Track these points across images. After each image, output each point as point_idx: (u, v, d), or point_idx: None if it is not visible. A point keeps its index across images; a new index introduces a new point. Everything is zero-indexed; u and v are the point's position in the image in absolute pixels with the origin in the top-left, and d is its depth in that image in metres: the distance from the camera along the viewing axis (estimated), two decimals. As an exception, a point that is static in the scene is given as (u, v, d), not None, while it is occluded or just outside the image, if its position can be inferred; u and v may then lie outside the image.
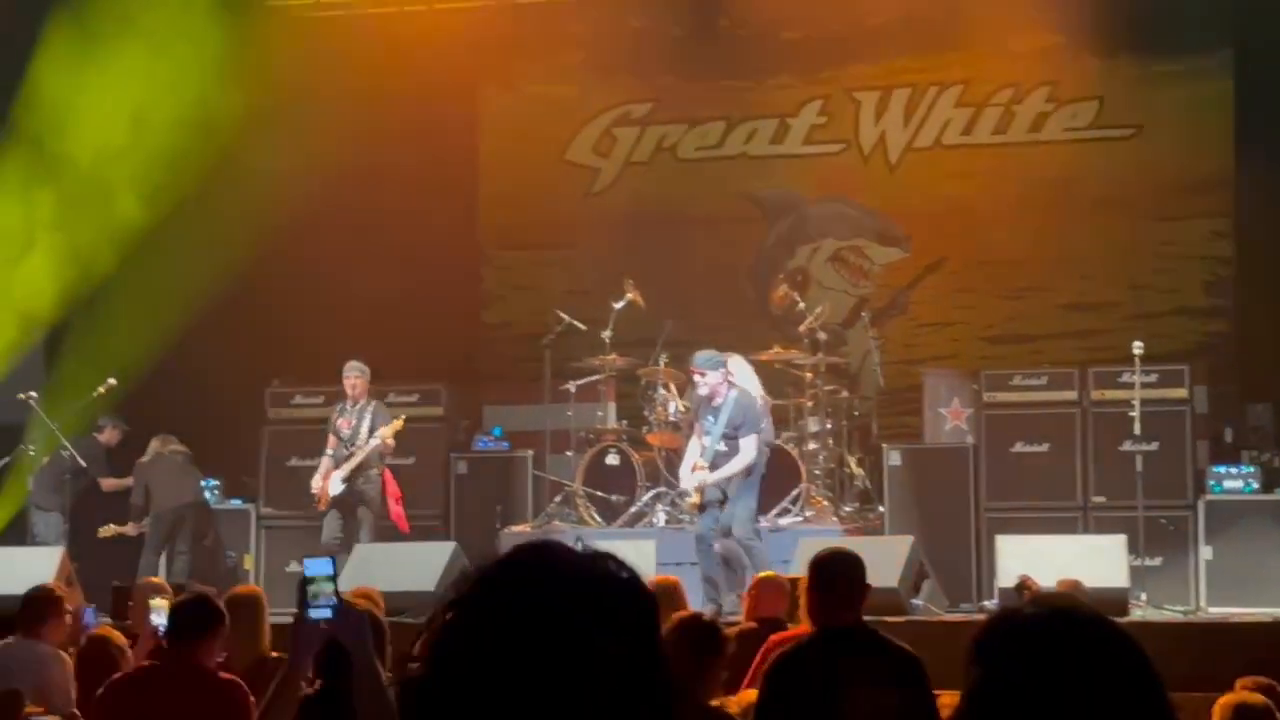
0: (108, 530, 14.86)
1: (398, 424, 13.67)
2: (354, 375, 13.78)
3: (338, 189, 15.86)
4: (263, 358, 15.27)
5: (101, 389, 14.09)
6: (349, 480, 13.60)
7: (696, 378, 12.41)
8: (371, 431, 13.67)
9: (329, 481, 13.65)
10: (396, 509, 13.79)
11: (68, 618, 8.77)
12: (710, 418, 12.40)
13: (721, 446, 12.34)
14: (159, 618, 7.87)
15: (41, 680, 7.90)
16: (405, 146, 16.42)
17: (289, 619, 4.50)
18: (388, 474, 13.84)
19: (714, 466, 12.33)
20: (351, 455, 13.62)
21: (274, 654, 7.32)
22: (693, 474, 12.40)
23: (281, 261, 15.94)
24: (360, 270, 15.95)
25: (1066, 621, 2.23)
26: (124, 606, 10.85)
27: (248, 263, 15.58)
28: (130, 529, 14.81)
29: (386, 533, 13.71)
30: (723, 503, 12.45)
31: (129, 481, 15.05)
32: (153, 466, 14.90)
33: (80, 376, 14.82)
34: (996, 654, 2.21)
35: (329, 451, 13.81)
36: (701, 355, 12.43)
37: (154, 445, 14.97)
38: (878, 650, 5.96)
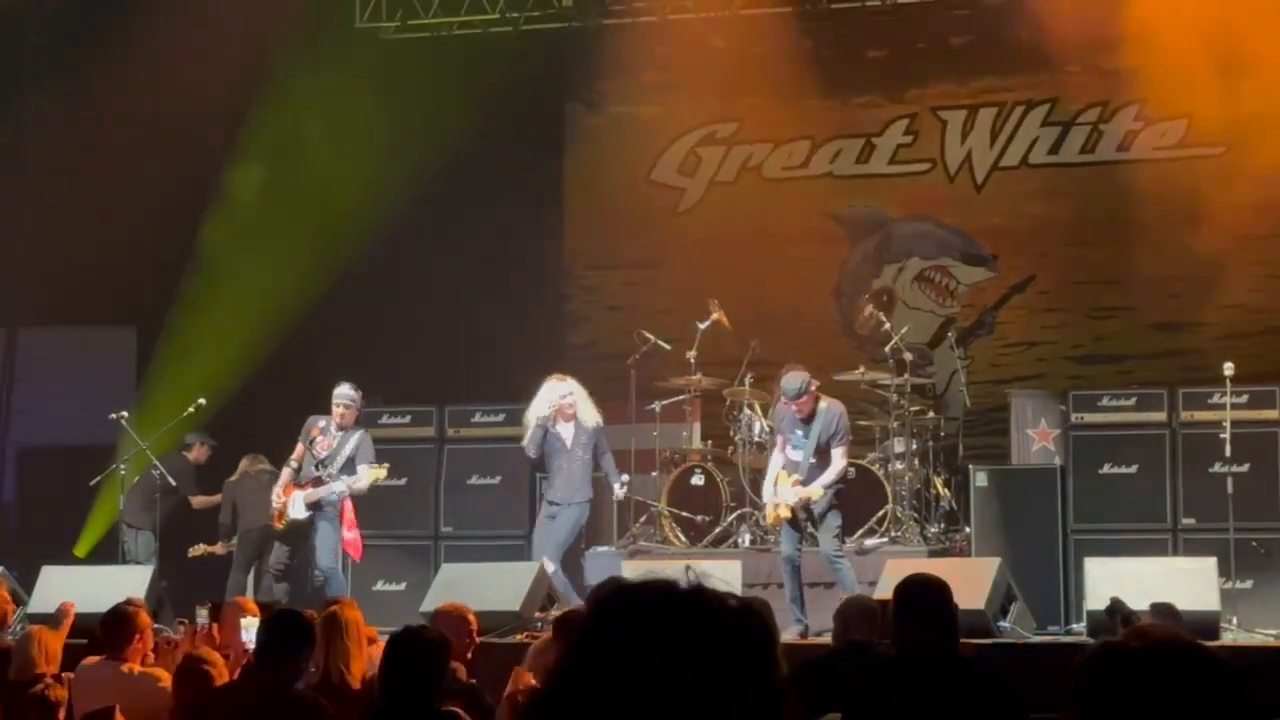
0: (197, 550, 14.99)
1: (380, 472, 13.31)
2: (344, 404, 13.34)
3: (425, 209, 15.97)
4: (350, 377, 15.34)
5: (191, 408, 14.21)
6: (313, 505, 13.35)
7: (786, 406, 12.41)
8: (350, 461, 13.35)
9: (289, 498, 13.39)
10: (350, 535, 13.59)
11: (150, 636, 8.71)
12: (799, 431, 12.39)
13: (811, 459, 12.37)
14: (249, 636, 7.93)
15: (136, 706, 7.85)
16: (491, 166, 16.51)
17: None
18: (347, 504, 13.63)
19: (806, 481, 12.32)
20: (320, 479, 13.35)
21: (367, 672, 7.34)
22: (791, 489, 12.33)
23: (368, 281, 16.07)
24: (446, 290, 16.04)
25: (1169, 654, 2.21)
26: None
27: (335, 281, 15.71)
28: (219, 548, 14.93)
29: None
30: (807, 521, 12.44)
31: (218, 499, 15.18)
32: (241, 485, 15.04)
33: (170, 396, 14.97)
34: (1100, 687, 2.20)
35: (293, 464, 13.47)
36: (789, 385, 12.36)
37: (243, 464, 15.11)
38: (961, 676, 5.90)
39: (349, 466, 13.37)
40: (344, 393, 13.40)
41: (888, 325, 14.73)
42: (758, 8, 16.43)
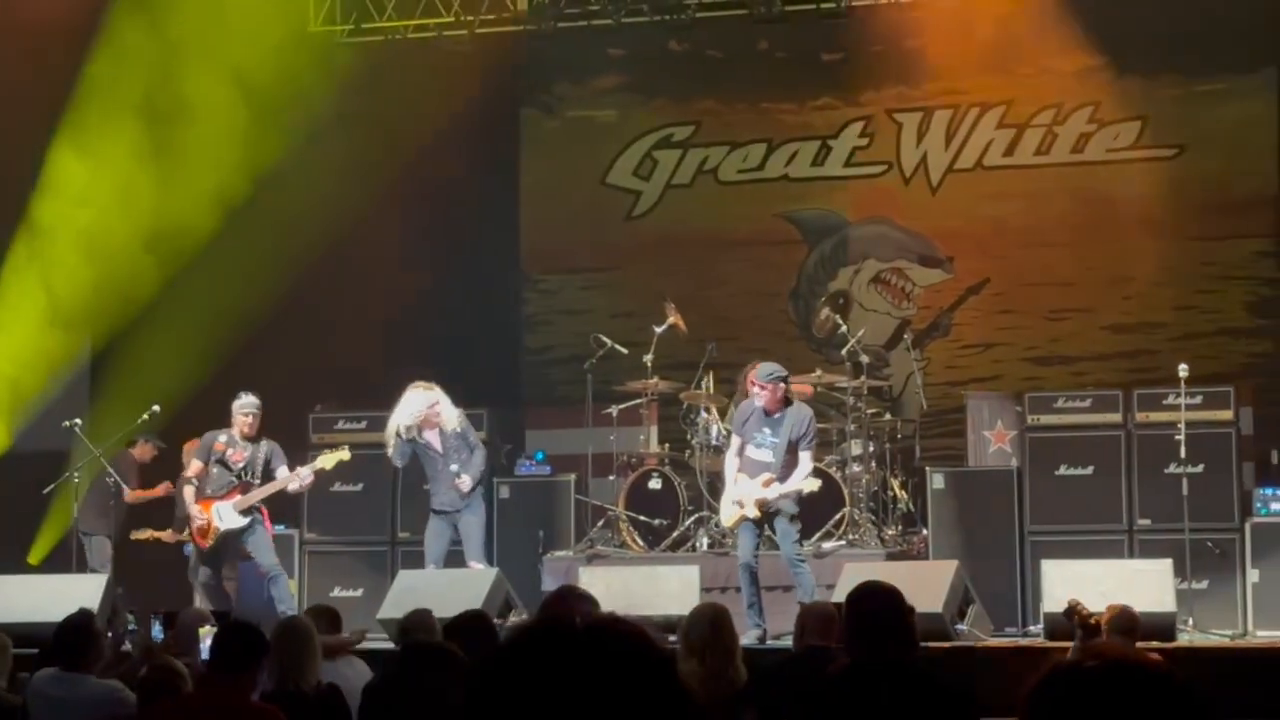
0: (144, 534, 14.83)
1: (343, 454, 13.47)
2: (254, 411, 13.41)
3: (380, 213, 15.91)
4: (305, 382, 15.29)
5: (145, 416, 14.13)
6: (245, 512, 13.37)
7: (756, 389, 12.39)
8: (268, 466, 13.42)
9: (211, 513, 13.38)
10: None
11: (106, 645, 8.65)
12: (766, 430, 12.37)
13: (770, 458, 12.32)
14: (208, 646, 7.87)
15: (96, 717, 7.78)
16: (447, 170, 16.46)
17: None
18: (264, 510, 13.67)
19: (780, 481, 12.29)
20: (250, 486, 13.36)
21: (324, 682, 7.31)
22: (765, 488, 12.29)
23: (324, 286, 16.00)
24: (403, 295, 15.99)
25: (1124, 675, 2.21)
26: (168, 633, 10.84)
27: (290, 287, 15.64)
28: (168, 535, 14.77)
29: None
30: (766, 523, 12.43)
31: (158, 492, 15.01)
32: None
33: (124, 404, 14.88)
34: (1051, 709, 2.19)
35: (194, 482, 13.50)
36: (765, 367, 12.41)
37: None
38: (915, 686, 5.89)
39: (268, 472, 13.45)
40: (252, 401, 13.47)
41: (844, 328, 14.75)
42: (713, 11, 16.42)
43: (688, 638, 7.36)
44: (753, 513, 12.28)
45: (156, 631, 9.55)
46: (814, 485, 12.35)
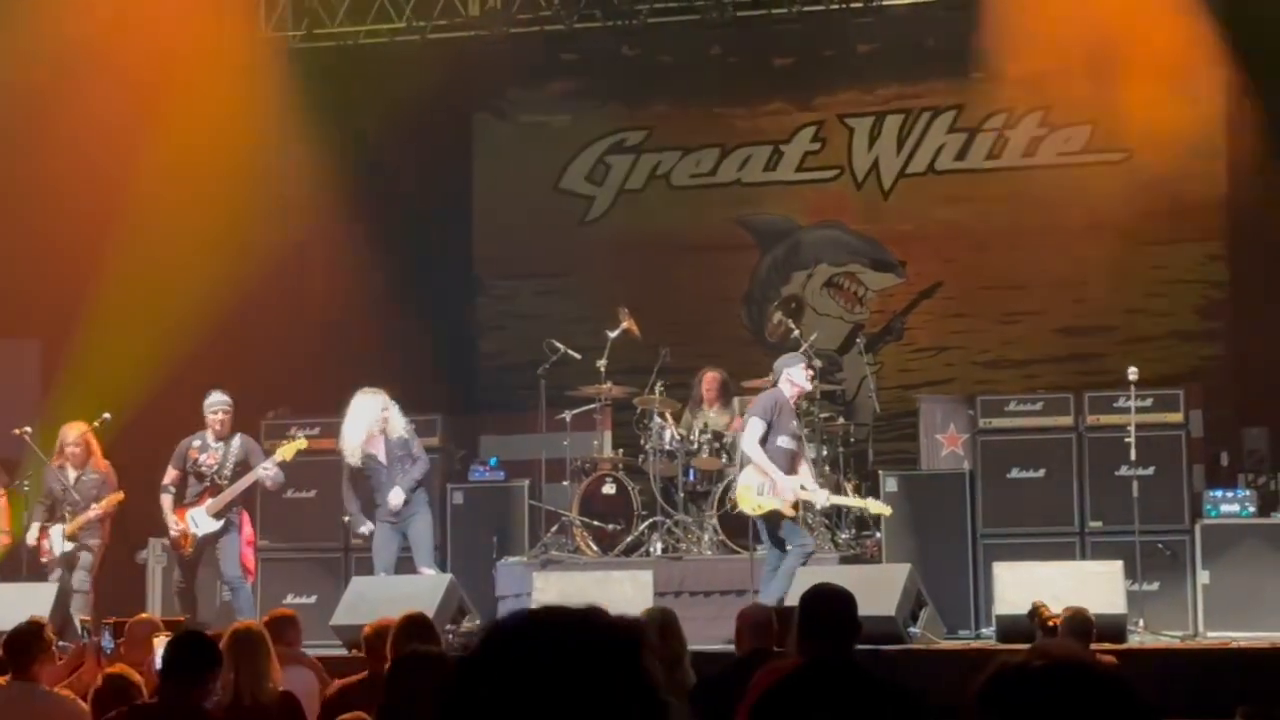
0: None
1: (301, 443, 13.49)
2: (224, 409, 13.36)
3: (332, 218, 15.88)
4: (259, 389, 15.24)
5: (96, 423, 14.04)
6: (219, 515, 13.33)
7: (776, 392, 12.51)
8: (243, 464, 13.38)
9: (186, 520, 13.35)
10: (247, 552, 13.61)
11: (56, 652, 8.57)
12: (794, 422, 12.54)
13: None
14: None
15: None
16: (400, 176, 16.44)
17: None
18: (245, 515, 13.63)
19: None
20: (220, 489, 13.32)
21: (282, 689, 7.28)
22: (820, 490, 12.62)
23: (278, 292, 15.95)
24: (356, 300, 15.96)
25: (1067, 675, 2.22)
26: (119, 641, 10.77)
27: (244, 293, 15.59)
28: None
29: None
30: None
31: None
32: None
33: (77, 411, 14.77)
34: (997, 707, 2.21)
35: (171, 489, 13.44)
36: (799, 362, 12.73)
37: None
38: (868, 686, 5.92)
39: (241, 471, 13.37)
40: (221, 399, 13.43)
41: (797, 332, 14.79)
42: (665, 16, 16.44)
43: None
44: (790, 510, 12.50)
45: (107, 641, 9.48)
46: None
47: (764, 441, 12.39)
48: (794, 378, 12.58)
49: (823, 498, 12.75)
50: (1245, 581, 13.09)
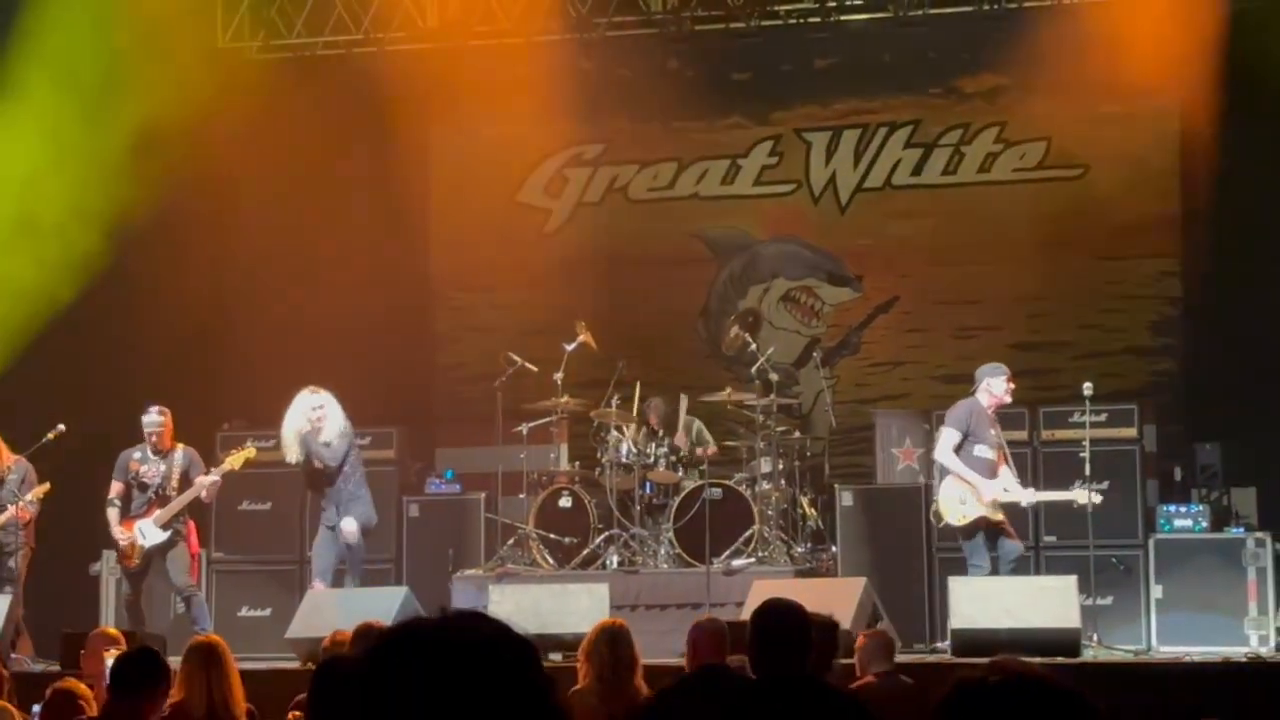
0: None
1: (249, 452, 13.43)
2: (155, 431, 13.32)
3: (289, 231, 15.82)
4: (214, 401, 15.19)
5: (50, 435, 13.93)
6: (166, 526, 13.27)
7: (974, 403, 12.77)
8: (186, 476, 13.35)
9: (133, 532, 13.28)
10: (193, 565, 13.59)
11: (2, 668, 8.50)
12: (993, 431, 12.70)
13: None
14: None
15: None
16: (357, 188, 16.41)
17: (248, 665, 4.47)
18: (193, 526, 13.58)
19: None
20: (168, 499, 13.26)
21: (246, 705, 7.22)
22: (1024, 490, 12.78)
23: (233, 305, 15.90)
24: (312, 313, 15.91)
25: (1025, 690, 2.24)
26: (75, 655, 10.71)
27: (200, 306, 15.53)
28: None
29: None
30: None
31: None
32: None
33: (29, 421, 14.66)
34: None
35: (116, 502, 13.39)
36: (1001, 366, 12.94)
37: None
38: (819, 698, 5.93)
39: (186, 482, 13.33)
40: (154, 419, 13.37)
41: (754, 346, 14.82)
42: (623, 30, 16.47)
43: (587, 654, 7.41)
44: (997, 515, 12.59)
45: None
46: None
47: (959, 450, 12.62)
48: (993, 388, 12.78)
49: (1028, 496, 12.87)
50: (1198, 596, 13.19)
